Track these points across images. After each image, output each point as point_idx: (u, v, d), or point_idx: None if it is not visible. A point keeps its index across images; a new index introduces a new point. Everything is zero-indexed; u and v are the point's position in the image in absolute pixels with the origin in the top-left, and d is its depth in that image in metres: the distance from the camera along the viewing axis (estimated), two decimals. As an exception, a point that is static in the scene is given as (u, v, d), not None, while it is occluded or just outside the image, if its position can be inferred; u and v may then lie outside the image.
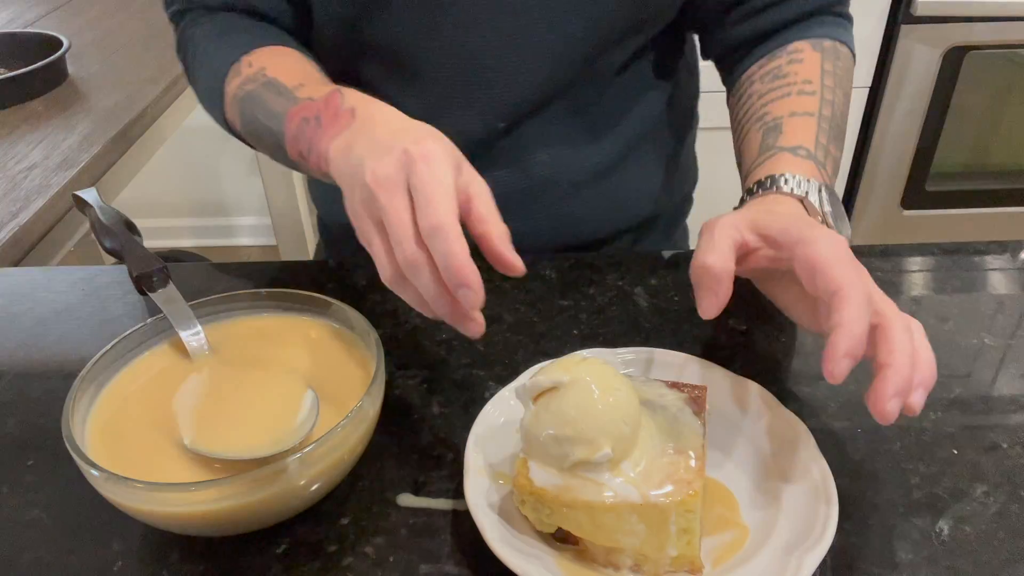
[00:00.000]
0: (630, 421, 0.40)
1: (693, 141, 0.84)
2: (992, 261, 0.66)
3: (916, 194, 1.77)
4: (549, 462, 0.40)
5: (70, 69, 1.15)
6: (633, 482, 0.39)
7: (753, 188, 0.54)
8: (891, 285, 0.63)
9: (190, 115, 1.27)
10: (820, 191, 0.52)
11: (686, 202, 0.86)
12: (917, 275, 0.65)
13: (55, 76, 1.10)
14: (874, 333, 0.41)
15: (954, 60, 1.59)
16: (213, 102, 0.64)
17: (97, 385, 0.46)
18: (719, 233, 0.46)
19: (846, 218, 0.53)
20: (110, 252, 0.60)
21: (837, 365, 0.39)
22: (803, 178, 0.52)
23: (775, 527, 0.41)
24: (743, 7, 0.67)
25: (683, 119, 0.80)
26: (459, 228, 0.40)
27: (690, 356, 0.51)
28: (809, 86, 0.60)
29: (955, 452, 0.48)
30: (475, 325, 0.43)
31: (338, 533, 0.44)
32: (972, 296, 0.62)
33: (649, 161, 0.77)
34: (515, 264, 0.43)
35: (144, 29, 1.33)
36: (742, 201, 0.56)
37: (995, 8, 1.52)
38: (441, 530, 0.44)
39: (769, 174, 0.54)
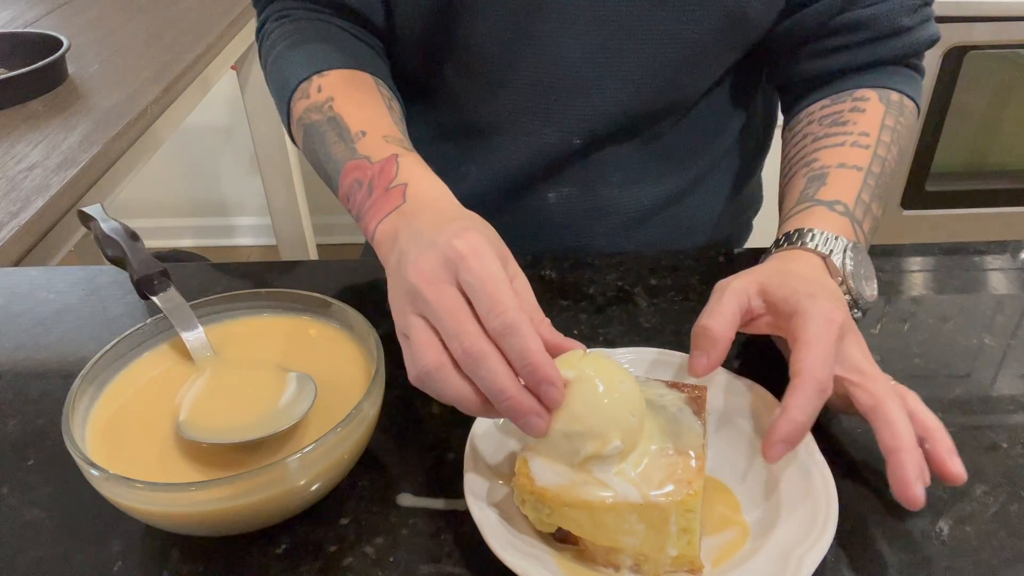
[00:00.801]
0: (637, 412, 0.40)
1: (762, 168, 0.83)
2: (992, 261, 0.66)
3: (916, 194, 1.77)
4: (559, 459, 0.40)
5: (70, 69, 1.14)
6: (633, 482, 0.39)
7: (781, 240, 0.54)
8: (891, 285, 0.63)
9: (190, 115, 1.27)
10: (845, 251, 0.51)
11: (745, 229, 0.85)
12: (917, 275, 0.65)
13: (55, 76, 1.10)
14: (871, 416, 0.42)
15: (954, 60, 1.59)
16: (281, 111, 0.64)
17: (97, 385, 0.46)
18: (727, 297, 0.47)
19: (873, 279, 0.52)
20: (112, 261, 0.60)
21: (772, 448, 0.41)
22: (831, 235, 0.52)
23: (775, 527, 0.41)
24: (819, 44, 0.65)
25: (756, 148, 0.79)
26: (529, 322, 0.39)
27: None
28: (865, 139, 0.59)
29: (955, 452, 0.48)
30: (542, 421, 0.39)
31: (338, 533, 0.44)
32: (972, 296, 0.62)
33: (717, 190, 0.76)
34: (576, 345, 0.42)
35: (144, 29, 1.33)
36: (768, 251, 0.55)
37: (995, 8, 1.52)
38: (441, 530, 0.44)
39: (798, 227, 0.53)
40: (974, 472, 0.47)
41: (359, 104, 0.58)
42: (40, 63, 1.06)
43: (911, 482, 0.40)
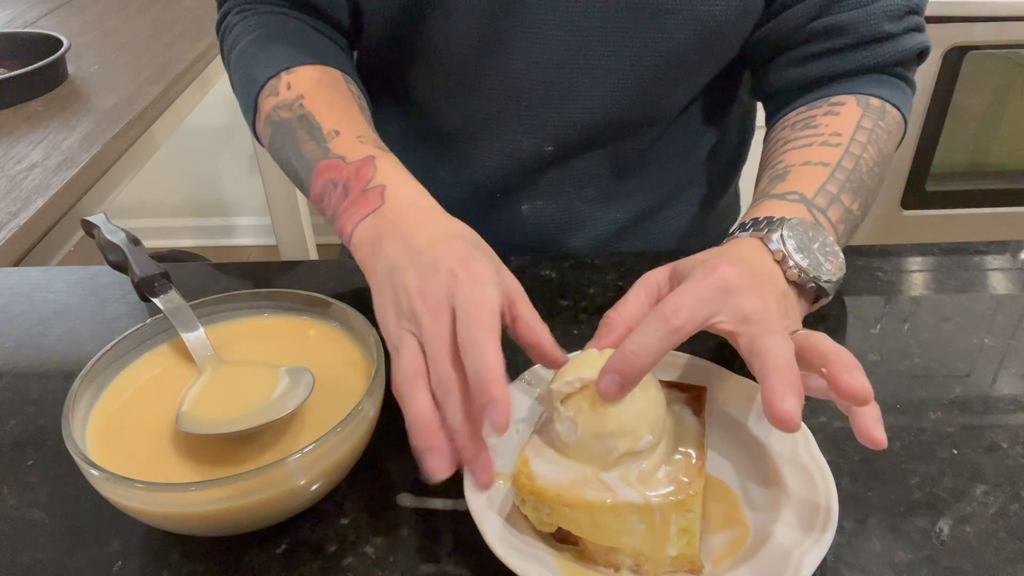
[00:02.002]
0: (661, 404, 0.40)
1: (738, 179, 0.82)
2: (992, 261, 0.66)
3: (916, 194, 1.77)
4: (591, 460, 0.40)
5: (70, 69, 1.15)
6: (634, 483, 0.39)
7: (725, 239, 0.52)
8: (891, 285, 0.63)
9: (190, 115, 1.27)
10: (782, 226, 0.47)
11: (722, 237, 0.84)
12: (917, 275, 0.65)
13: (55, 76, 1.10)
14: (749, 358, 0.40)
15: (954, 60, 1.59)
16: (246, 110, 0.62)
17: (97, 385, 0.46)
18: (635, 288, 0.46)
19: (833, 253, 0.48)
20: (114, 266, 0.60)
21: (600, 379, 0.39)
22: (775, 217, 0.49)
23: (775, 526, 0.41)
24: (797, 51, 0.63)
25: (732, 161, 0.78)
26: (498, 346, 0.40)
27: (690, 356, 0.51)
28: (836, 138, 0.56)
29: (955, 452, 0.48)
30: (486, 474, 0.41)
31: (338, 533, 0.44)
32: (972, 296, 0.62)
33: (692, 204, 0.76)
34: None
35: (144, 29, 1.33)
36: None
37: (995, 8, 1.52)
38: (441, 530, 0.44)
39: (742, 221, 0.51)
40: (974, 472, 0.47)
41: (330, 102, 0.57)
42: (40, 63, 1.06)
43: (777, 395, 0.36)
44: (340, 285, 0.64)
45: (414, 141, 0.71)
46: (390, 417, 0.48)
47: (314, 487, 0.42)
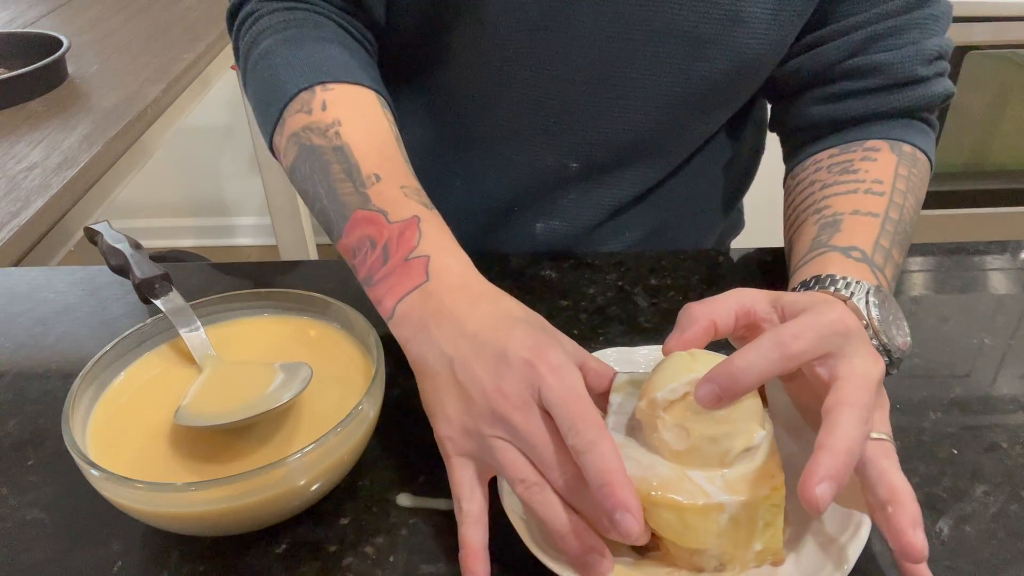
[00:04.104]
0: (758, 395, 0.40)
1: (745, 194, 0.82)
2: (992, 261, 0.66)
3: (916, 194, 1.77)
4: (706, 463, 0.39)
5: (70, 69, 1.15)
6: (720, 483, 0.39)
7: (797, 289, 0.49)
8: (891, 285, 0.63)
9: (190, 115, 1.27)
10: (868, 294, 0.46)
11: (723, 251, 0.84)
12: (917, 275, 0.65)
13: (55, 76, 1.10)
14: (824, 411, 0.38)
15: (954, 60, 1.59)
16: (265, 119, 0.57)
17: (97, 385, 0.46)
18: (727, 294, 0.44)
19: (903, 325, 0.47)
20: (115, 270, 0.60)
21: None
22: (851, 279, 0.47)
23: (811, 518, 0.41)
24: (828, 88, 0.61)
25: (742, 178, 0.78)
26: (613, 442, 0.38)
27: (716, 354, 0.50)
28: (879, 186, 0.55)
29: (955, 452, 0.48)
30: (605, 564, 0.38)
31: (338, 533, 0.44)
32: (972, 296, 0.62)
33: (701, 222, 0.76)
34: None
35: (144, 29, 1.33)
36: None
37: (995, 8, 1.52)
38: (441, 530, 0.44)
39: (815, 275, 0.48)
40: (974, 472, 0.47)
41: (369, 136, 0.53)
42: (40, 63, 1.06)
43: (815, 477, 0.35)
44: (340, 285, 0.64)
45: (432, 146, 0.69)
46: (390, 417, 0.48)
47: (314, 487, 0.42)
